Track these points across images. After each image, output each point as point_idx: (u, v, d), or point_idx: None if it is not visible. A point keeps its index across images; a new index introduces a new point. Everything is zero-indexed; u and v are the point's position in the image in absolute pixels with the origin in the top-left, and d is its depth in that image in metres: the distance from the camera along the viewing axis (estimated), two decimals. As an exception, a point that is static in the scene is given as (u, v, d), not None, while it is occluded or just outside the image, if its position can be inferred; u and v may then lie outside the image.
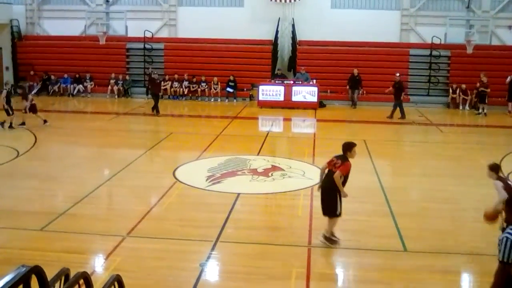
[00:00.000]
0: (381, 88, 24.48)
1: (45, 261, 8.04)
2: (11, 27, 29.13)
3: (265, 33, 27.73)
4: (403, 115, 22.21)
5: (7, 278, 3.40)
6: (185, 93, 27.08)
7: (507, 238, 5.26)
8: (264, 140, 18.27)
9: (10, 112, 18.91)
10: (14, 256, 8.55)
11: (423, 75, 26.72)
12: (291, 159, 15.61)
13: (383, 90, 23.77)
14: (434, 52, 26.39)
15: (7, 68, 29.32)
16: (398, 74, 23.21)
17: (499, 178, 8.89)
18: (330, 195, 9.15)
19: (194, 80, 27.06)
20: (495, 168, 8.92)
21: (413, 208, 11.55)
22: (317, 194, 9.56)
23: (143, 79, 28.05)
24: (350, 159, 9.18)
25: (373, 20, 27.22)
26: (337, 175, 8.95)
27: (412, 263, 8.76)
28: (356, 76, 25.44)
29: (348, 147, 9.28)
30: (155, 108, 22.42)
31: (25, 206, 11.39)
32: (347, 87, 25.80)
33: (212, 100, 26.92)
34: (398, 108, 22.31)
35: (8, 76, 28.82)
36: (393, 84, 22.77)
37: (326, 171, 9.30)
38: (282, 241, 9.64)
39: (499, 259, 5.30)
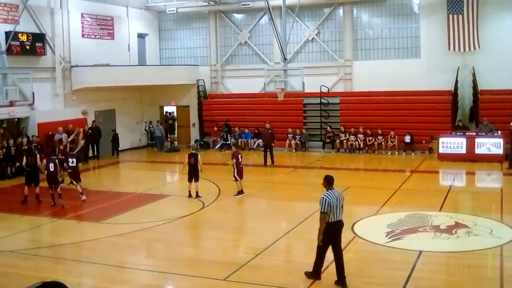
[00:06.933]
0: None
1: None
2: (198, 86, 31.53)
3: (444, 84, 26.86)
4: None
5: None
6: (361, 146, 26.97)
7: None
8: (446, 195, 17.38)
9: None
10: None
11: None
12: (477, 216, 14.63)
13: None
14: None
15: (193, 125, 31.66)
16: None
17: None
18: None
19: (370, 133, 26.86)
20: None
21: None
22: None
23: (319, 133, 28.52)
24: None
25: None
26: None
27: None
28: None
29: None
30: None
31: (209, 256, 11.99)
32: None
33: (389, 153, 26.44)
34: None
35: (195, 132, 31.11)
36: None
37: None
38: (469, 304, 9.03)
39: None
